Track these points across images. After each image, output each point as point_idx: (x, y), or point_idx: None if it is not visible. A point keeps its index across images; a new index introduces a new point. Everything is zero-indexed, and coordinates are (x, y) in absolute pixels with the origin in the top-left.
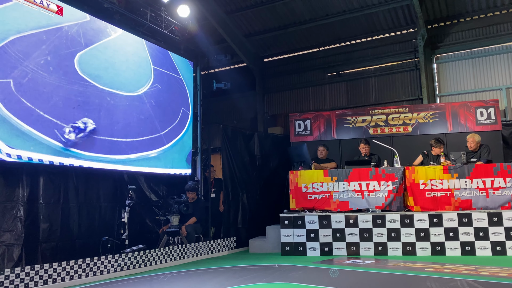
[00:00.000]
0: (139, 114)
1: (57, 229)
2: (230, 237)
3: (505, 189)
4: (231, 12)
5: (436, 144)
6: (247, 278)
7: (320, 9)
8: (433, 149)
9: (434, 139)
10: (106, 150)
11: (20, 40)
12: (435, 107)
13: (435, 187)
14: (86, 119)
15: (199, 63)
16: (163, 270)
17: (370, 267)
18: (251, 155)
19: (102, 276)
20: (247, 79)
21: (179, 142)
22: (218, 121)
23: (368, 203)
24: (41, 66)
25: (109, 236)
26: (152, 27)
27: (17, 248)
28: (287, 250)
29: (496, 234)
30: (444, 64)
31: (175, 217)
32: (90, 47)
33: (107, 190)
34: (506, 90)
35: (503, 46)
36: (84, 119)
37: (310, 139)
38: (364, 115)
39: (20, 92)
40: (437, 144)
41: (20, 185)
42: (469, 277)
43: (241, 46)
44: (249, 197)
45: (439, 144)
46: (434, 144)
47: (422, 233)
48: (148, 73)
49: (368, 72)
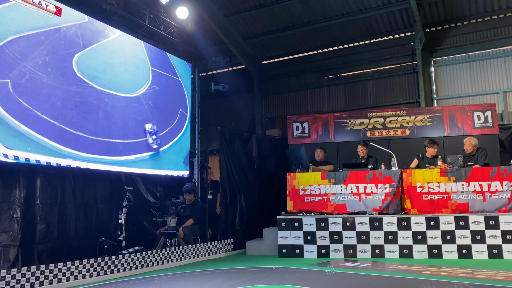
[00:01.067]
0: (137, 115)
1: (53, 230)
2: (227, 239)
3: (502, 193)
4: (230, 15)
5: (430, 145)
6: (244, 280)
7: (318, 12)
8: (428, 150)
9: (428, 140)
10: (104, 151)
11: (18, 41)
12: (432, 110)
13: (432, 190)
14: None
15: (197, 64)
16: (160, 272)
17: (367, 270)
18: (248, 157)
19: (99, 277)
20: (245, 81)
21: (177, 144)
22: (216, 123)
23: (366, 205)
24: (39, 66)
25: (106, 238)
26: (151, 28)
27: (13, 249)
28: (284, 252)
29: (492, 237)
30: (441, 68)
31: (173, 218)
32: (89, 48)
33: (104, 191)
34: (503, 94)
35: (500, 50)
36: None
37: (308, 141)
38: (362, 118)
39: (17, 93)
40: (431, 144)
41: (17, 185)
42: (465, 280)
43: (240, 48)
44: (246, 199)
45: (433, 144)
46: (428, 145)
47: (419, 236)
48: (146, 74)
49: (366, 75)
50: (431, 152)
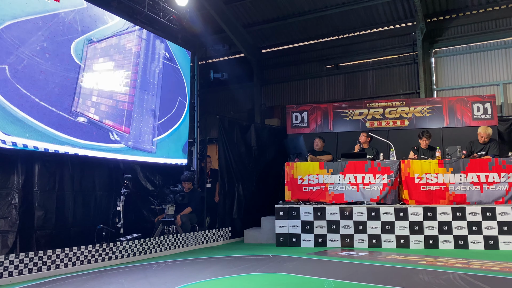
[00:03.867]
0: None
1: (52, 217)
2: (225, 227)
3: (500, 184)
4: (230, 2)
5: (420, 137)
6: (241, 268)
7: (319, 1)
8: (420, 142)
9: (421, 131)
10: (102, 139)
11: (15, 26)
12: (432, 101)
13: (430, 181)
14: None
15: (196, 52)
16: (157, 259)
17: (363, 259)
18: (247, 146)
19: (97, 264)
20: (245, 70)
21: (176, 132)
22: (215, 112)
23: (363, 195)
24: (37, 52)
25: (104, 225)
26: (150, 15)
27: (11, 235)
28: (282, 241)
29: (489, 228)
30: (442, 59)
31: (171, 206)
32: (87, 34)
33: (103, 179)
34: (503, 85)
35: (501, 42)
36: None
37: (307, 131)
38: (361, 108)
39: (15, 79)
40: (420, 136)
41: (15, 172)
42: (461, 271)
43: (239, 37)
44: (244, 188)
45: (421, 137)
46: (421, 135)
47: (416, 226)
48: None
49: (366, 65)
50: (423, 144)
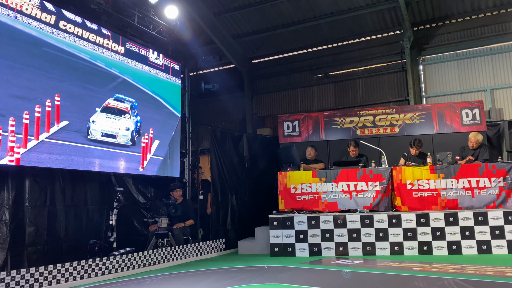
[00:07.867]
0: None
1: (43, 232)
2: (219, 238)
3: (490, 189)
4: (219, 14)
5: (414, 144)
6: (236, 280)
7: (308, 11)
8: (410, 150)
9: (412, 140)
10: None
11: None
12: (421, 108)
13: (422, 187)
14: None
15: (187, 64)
16: (152, 273)
17: (358, 267)
18: (240, 156)
19: (90, 279)
20: (236, 81)
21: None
22: (206, 123)
23: (356, 203)
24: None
25: (96, 239)
26: (140, 28)
27: (2, 252)
28: (276, 251)
29: (481, 233)
30: (430, 66)
31: (164, 219)
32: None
33: (94, 192)
34: (491, 91)
35: (487, 48)
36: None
37: (298, 140)
38: (352, 116)
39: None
40: (415, 143)
41: (5, 187)
42: (455, 276)
43: (230, 48)
44: (238, 198)
45: (411, 145)
46: (412, 144)
47: (409, 232)
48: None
49: (356, 73)
50: (414, 152)
